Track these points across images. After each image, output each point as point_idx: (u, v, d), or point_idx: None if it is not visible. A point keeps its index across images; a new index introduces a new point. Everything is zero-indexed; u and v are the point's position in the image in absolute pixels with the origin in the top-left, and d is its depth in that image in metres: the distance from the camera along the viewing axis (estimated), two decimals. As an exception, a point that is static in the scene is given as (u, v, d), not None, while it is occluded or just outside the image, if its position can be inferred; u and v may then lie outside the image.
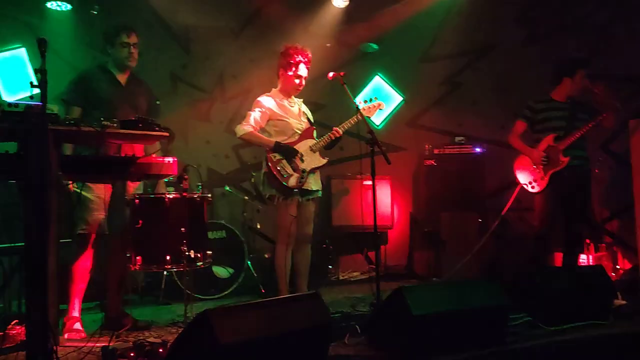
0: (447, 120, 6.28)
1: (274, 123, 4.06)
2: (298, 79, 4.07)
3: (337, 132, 4.05)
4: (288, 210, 3.96)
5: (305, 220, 4.10)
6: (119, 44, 3.61)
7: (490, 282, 3.18)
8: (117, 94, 3.63)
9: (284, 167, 3.93)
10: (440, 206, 5.58)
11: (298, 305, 2.63)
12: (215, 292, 4.79)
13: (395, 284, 5.35)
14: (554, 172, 4.35)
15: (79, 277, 3.45)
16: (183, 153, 5.93)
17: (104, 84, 3.61)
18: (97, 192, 3.36)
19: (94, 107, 3.47)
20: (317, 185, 4.11)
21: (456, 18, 6.18)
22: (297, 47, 4.06)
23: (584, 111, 4.45)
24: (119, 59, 3.65)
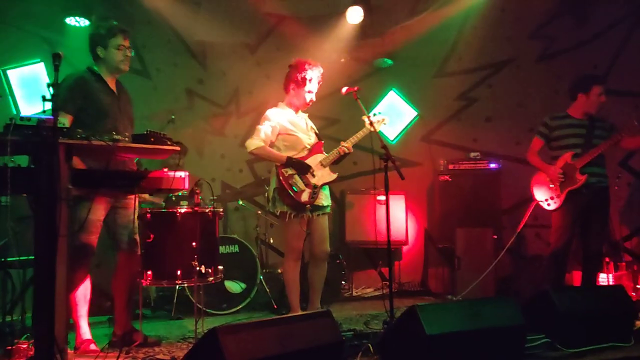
0: (461, 136, 6.23)
1: (284, 138, 4.03)
2: (309, 94, 4.06)
3: (346, 147, 4.02)
4: (298, 226, 3.91)
5: (320, 238, 4.04)
6: (113, 47, 3.40)
7: (507, 301, 3.11)
8: (115, 104, 3.44)
9: (296, 183, 3.89)
10: (455, 222, 5.50)
11: (309, 323, 2.59)
12: (227, 307, 4.76)
13: (409, 300, 5.33)
14: (571, 190, 4.28)
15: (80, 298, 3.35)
16: (198, 167, 5.98)
17: (102, 94, 3.39)
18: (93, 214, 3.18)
19: (94, 118, 3.28)
20: (328, 201, 4.07)
21: (471, 33, 6.17)
22: (309, 62, 4.05)
23: (601, 128, 4.38)
24: (112, 62, 3.41)
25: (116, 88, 3.54)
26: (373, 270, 6.09)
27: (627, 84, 5.46)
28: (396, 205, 5.64)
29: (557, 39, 5.93)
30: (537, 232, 5.71)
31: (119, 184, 2.68)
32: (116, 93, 3.51)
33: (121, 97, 3.54)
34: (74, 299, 3.32)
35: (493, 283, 5.14)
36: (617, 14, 5.61)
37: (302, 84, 4.02)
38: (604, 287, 4.47)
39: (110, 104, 3.41)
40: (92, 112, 3.30)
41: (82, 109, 3.29)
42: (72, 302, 3.32)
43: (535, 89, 5.93)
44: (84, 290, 3.36)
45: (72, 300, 3.31)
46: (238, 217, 6.31)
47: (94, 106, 3.32)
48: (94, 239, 3.30)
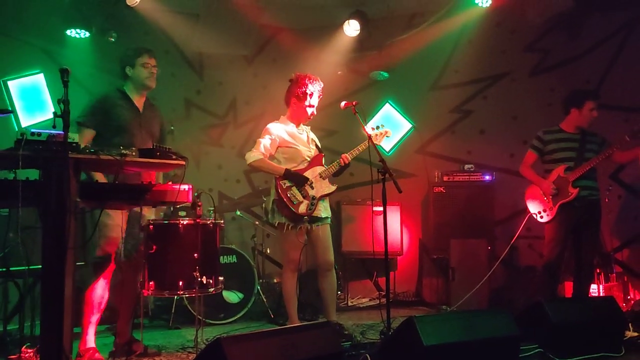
0: (456, 148, 6.32)
1: (284, 150, 4.10)
2: (310, 108, 4.13)
3: (345, 159, 4.09)
4: (296, 237, 3.98)
5: (323, 248, 4.09)
6: (140, 65, 3.64)
7: (501, 312, 3.19)
8: (136, 120, 3.63)
9: (294, 194, 3.96)
10: (450, 233, 5.58)
11: (310, 334, 2.65)
12: (225, 316, 4.80)
13: (404, 311, 5.39)
14: (563, 203, 4.38)
15: (94, 307, 3.40)
16: (195, 178, 6.01)
17: (123, 110, 3.60)
18: (115, 220, 3.35)
19: (113, 133, 3.49)
20: (327, 212, 4.14)
21: (466, 47, 6.28)
22: (309, 77, 4.12)
23: (593, 142, 4.49)
24: (139, 79, 3.65)
25: (143, 105, 3.74)
26: (368, 281, 6.17)
27: (617, 98, 5.57)
28: (391, 215, 5.69)
29: (550, 53, 6.04)
30: (530, 244, 5.79)
31: (125, 197, 2.74)
32: (140, 110, 3.70)
33: (145, 113, 3.72)
34: (88, 303, 3.39)
35: (487, 294, 5.21)
36: (609, 29, 5.73)
37: (303, 98, 4.09)
38: (595, 298, 4.55)
39: (130, 120, 3.59)
40: (111, 128, 3.52)
41: (102, 124, 3.51)
42: (86, 306, 3.39)
43: (529, 102, 6.03)
44: (100, 299, 3.42)
45: (85, 304, 3.39)
46: (235, 227, 6.36)
47: (113, 122, 3.53)
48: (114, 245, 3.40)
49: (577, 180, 4.36)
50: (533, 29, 6.03)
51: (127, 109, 3.62)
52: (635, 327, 3.96)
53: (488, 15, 5.91)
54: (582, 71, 5.84)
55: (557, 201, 4.41)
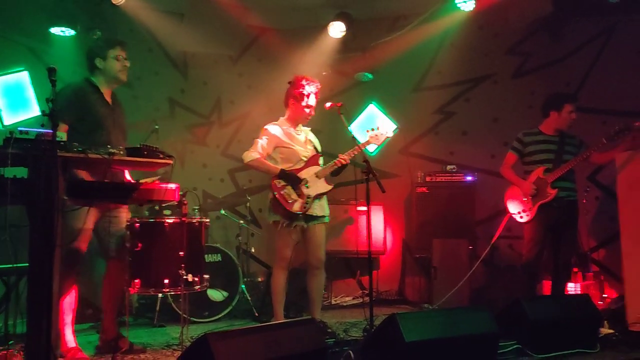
0: (439, 149, 6.41)
1: (280, 150, 4.15)
2: (308, 109, 4.19)
3: (343, 159, 4.14)
4: (289, 235, 4.03)
5: (315, 246, 4.15)
6: (112, 57, 3.51)
7: (481, 310, 3.27)
8: (109, 115, 3.52)
9: (288, 193, 4.01)
10: (432, 233, 5.66)
11: (294, 330, 2.70)
12: (209, 315, 4.83)
13: (387, 309, 5.46)
14: (542, 203, 4.48)
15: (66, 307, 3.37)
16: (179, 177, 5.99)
17: (98, 105, 3.48)
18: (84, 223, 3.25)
19: (89, 128, 3.36)
20: (323, 211, 4.18)
21: (449, 49, 6.36)
22: (306, 78, 4.17)
23: (571, 144, 4.60)
24: (112, 72, 3.52)
25: (111, 100, 3.64)
26: (352, 280, 6.23)
27: (596, 101, 5.69)
28: (375, 215, 5.78)
29: (532, 56, 6.14)
30: (510, 244, 5.90)
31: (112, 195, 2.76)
32: (111, 105, 3.61)
33: (115, 109, 3.64)
34: (60, 307, 3.33)
35: (468, 292, 5.31)
36: (589, 34, 5.84)
37: (300, 99, 4.15)
38: (572, 296, 4.66)
39: (105, 116, 3.50)
40: (87, 123, 3.40)
41: (78, 119, 3.38)
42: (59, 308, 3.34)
43: (511, 105, 6.13)
44: (70, 299, 3.40)
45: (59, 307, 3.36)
46: (219, 226, 6.39)
47: (90, 117, 3.42)
48: (82, 248, 3.37)
49: (556, 181, 4.46)
50: (515, 32, 6.14)
51: (101, 104, 3.52)
52: (610, 325, 4.08)
53: (471, 18, 6.00)
54: (562, 74, 5.96)
55: (537, 202, 4.51)
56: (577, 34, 5.89)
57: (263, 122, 6.33)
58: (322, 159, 4.25)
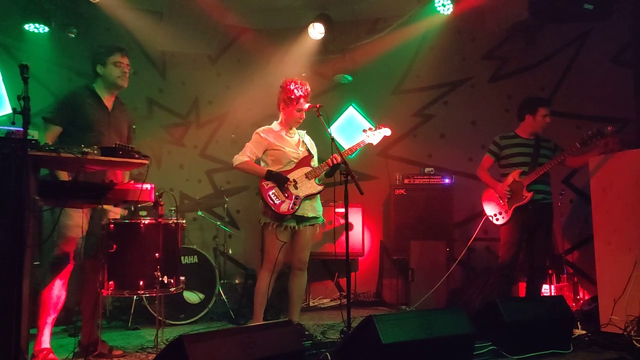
0: (417, 151, 6.45)
1: (270, 153, 4.15)
2: (300, 112, 4.18)
3: (335, 159, 4.12)
4: (278, 237, 4.00)
5: (300, 247, 4.14)
6: (112, 63, 3.57)
7: (457, 312, 3.28)
8: (104, 119, 3.57)
9: (276, 194, 3.99)
10: (410, 235, 5.69)
11: (271, 332, 2.68)
12: (185, 317, 4.77)
13: (365, 311, 5.47)
14: (517, 206, 4.54)
15: (50, 307, 3.33)
16: (156, 177, 5.94)
17: (92, 109, 3.53)
18: (75, 220, 3.29)
19: (80, 131, 3.42)
20: (314, 212, 4.16)
21: (428, 53, 6.42)
22: (295, 81, 4.17)
23: (547, 148, 4.66)
24: (111, 78, 3.58)
25: (113, 105, 3.68)
26: (330, 281, 6.23)
27: (570, 106, 5.79)
28: (353, 217, 5.79)
29: (508, 61, 6.23)
30: (487, 246, 5.96)
31: (86, 196, 2.71)
32: (110, 109, 3.64)
33: (114, 113, 3.67)
34: (45, 304, 3.32)
35: (445, 294, 5.35)
36: (563, 40, 5.95)
37: (291, 103, 4.14)
38: (546, 297, 4.72)
39: (98, 119, 3.54)
40: (78, 126, 3.46)
41: (70, 122, 3.45)
42: (42, 306, 3.31)
43: (488, 108, 6.21)
44: (56, 299, 3.35)
45: (42, 305, 3.31)
46: (196, 227, 6.33)
47: (81, 120, 3.47)
48: (73, 245, 3.34)
49: (531, 184, 4.52)
50: (492, 37, 6.21)
51: (96, 108, 3.56)
52: (583, 326, 4.15)
53: (449, 23, 6.06)
54: (538, 79, 6.05)
55: (512, 204, 4.57)
56: (552, 40, 5.99)
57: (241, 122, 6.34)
58: (314, 161, 4.24)
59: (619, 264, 4.10)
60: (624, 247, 4.09)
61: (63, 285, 3.38)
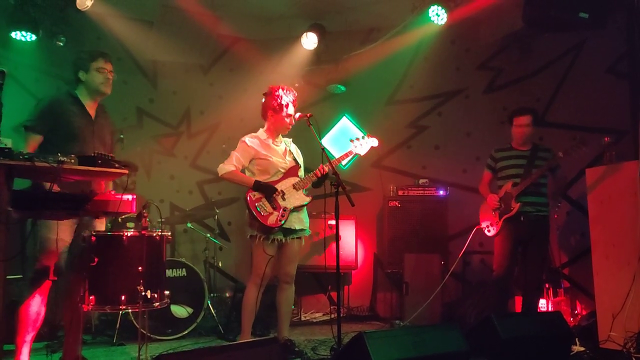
0: (411, 163, 6.37)
1: (257, 162, 4.03)
2: (288, 119, 4.08)
3: (322, 169, 4.03)
4: (265, 250, 3.89)
5: (287, 260, 4.03)
6: (94, 69, 3.46)
7: (451, 328, 3.18)
8: (88, 128, 3.45)
9: (263, 206, 3.87)
10: (404, 247, 5.59)
11: (256, 351, 2.56)
12: (172, 332, 4.64)
13: (358, 325, 5.35)
14: (507, 217, 4.49)
15: (29, 323, 3.21)
16: (146, 188, 5.86)
17: (75, 117, 3.40)
18: (56, 233, 3.14)
19: (63, 140, 3.29)
20: (302, 224, 4.06)
21: (422, 63, 6.36)
22: (283, 88, 4.08)
23: (543, 158, 4.57)
24: (94, 85, 3.47)
25: (95, 112, 3.56)
26: (322, 295, 6.10)
27: (566, 117, 5.72)
28: (346, 229, 5.68)
29: (503, 72, 6.17)
30: (482, 259, 5.86)
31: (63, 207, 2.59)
32: (93, 117, 3.52)
33: (97, 121, 3.55)
34: (23, 321, 3.19)
35: (440, 308, 5.23)
36: (559, 50, 5.88)
37: (280, 110, 4.04)
38: (543, 313, 4.61)
39: (81, 127, 3.42)
40: (61, 134, 3.33)
41: (52, 130, 3.32)
42: (20, 323, 3.19)
43: (482, 119, 6.14)
44: (35, 315, 3.22)
45: (20, 322, 3.19)
46: (186, 239, 6.22)
47: (64, 128, 3.35)
48: (53, 259, 3.22)
49: (522, 195, 4.44)
50: (487, 48, 6.16)
51: (79, 115, 3.44)
52: (581, 342, 4.03)
53: (443, 33, 5.99)
54: (533, 90, 5.98)
55: (502, 216, 4.54)
56: (547, 50, 5.93)
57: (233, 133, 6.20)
58: (301, 171, 4.14)
59: (617, 278, 4.01)
60: (623, 261, 3.99)
61: (42, 301, 3.25)
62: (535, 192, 4.47)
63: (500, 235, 4.55)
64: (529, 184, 4.42)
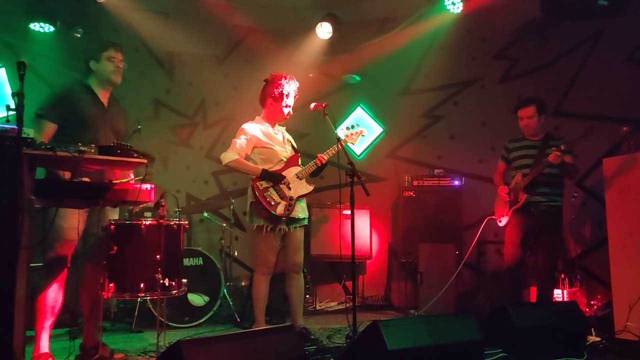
0: (426, 153, 6.35)
1: (260, 151, 4.02)
2: (287, 108, 4.08)
3: (322, 159, 4.03)
4: (272, 239, 3.91)
5: (294, 249, 4.04)
6: (105, 59, 3.48)
7: (465, 317, 3.18)
8: (100, 116, 3.47)
9: (271, 195, 3.88)
10: (419, 237, 5.59)
11: (272, 337, 2.60)
12: (189, 320, 4.71)
13: (372, 314, 5.38)
14: (515, 208, 4.50)
15: (47, 310, 3.27)
16: (162, 178, 5.92)
17: (87, 105, 3.42)
18: (71, 222, 3.20)
19: (76, 128, 3.31)
20: (304, 213, 4.08)
21: (437, 53, 6.32)
22: (285, 77, 4.06)
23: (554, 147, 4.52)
24: (104, 73, 3.48)
25: (108, 101, 3.58)
26: (337, 284, 6.13)
27: (584, 106, 5.66)
28: (361, 219, 5.70)
29: (520, 61, 6.10)
30: (497, 249, 5.83)
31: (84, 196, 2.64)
32: (105, 106, 3.54)
33: (110, 110, 3.57)
34: (41, 308, 3.25)
35: (454, 298, 5.23)
36: (576, 39, 5.80)
37: (279, 99, 4.03)
38: (559, 303, 4.60)
39: (94, 116, 3.43)
40: (74, 123, 3.34)
41: (65, 119, 3.33)
42: (39, 310, 3.25)
43: (498, 109, 6.07)
44: (53, 302, 3.28)
45: (38, 309, 3.25)
46: (202, 229, 6.28)
47: (77, 117, 3.36)
48: (69, 249, 3.27)
49: (530, 186, 4.42)
50: (503, 37, 6.10)
51: (92, 104, 3.46)
52: (597, 332, 4.02)
53: (459, 22, 5.95)
54: (550, 79, 5.91)
55: (511, 206, 4.54)
56: (565, 38, 5.85)
57: (249, 123, 6.18)
58: (300, 159, 4.15)
59: (634, 268, 3.98)
60: (640, 251, 3.96)
61: (60, 288, 3.31)
62: (546, 183, 4.43)
63: (510, 226, 4.55)
64: (536, 174, 4.39)
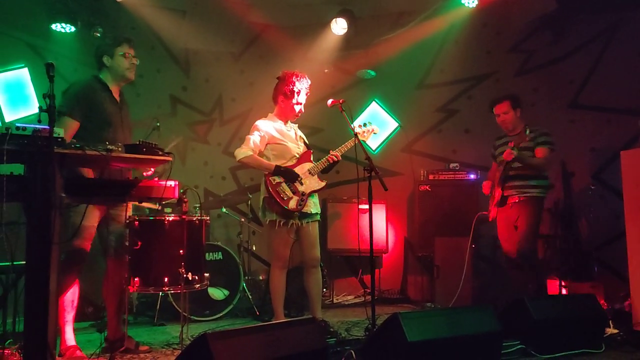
0: (441, 147, 6.37)
1: (273, 147, 4.09)
2: (298, 106, 4.13)
3: (335, 155, 4.09)
4: (287, 234, 3.98)
5: (310, 244, 4.10)
6: (119, 55, 3.48)
7: (484, 309, 3.23)
8: (117, 114, 3.50)
9: (284, 190, 3.95)
10: (435, 231, 5.62)
11: (295, 330, 2.66)
12: (210, 313, 4.80)
13: (389, 308, 5.43)
14: (494, 204, 4.64)
15: (67, 304, 3.36)
16: (181, 174, 5.99)
17: (107, 103, 3.44)
18: (89, 220, 3.23)
19: (98, 126, 3.34)
20: (317, 209, 4.14)
21: (452, 47, 6.32)
22: (297, 74, 4.11)
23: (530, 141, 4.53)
24: (119, 70, 3.49)
25: (119, 98, 3.61)
26: (354, 278, 6.19)
27: (600, 99, 5.64)
28: (377, 213, 5.74)
29: (535, 54, 6.09)
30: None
31: (111, 193, 2.72)
32: (119, 103, 3.58)
33: (123, 107, 3.62)
34: (61, 304, 3.33)
35: (471, 291, 5.26)
36: (593, 31, 5.78)
37: (290, 96, 4.08)
38: (577, 295, 4.60)
39: (113, 114, 3.47)
40: (96, 121, 3.37)
41: (87, 117, 3.34)
42: (60, 307, 3.32)
43: (514, 103, 6.07)
44: (72, 297, 3.38)
45: (60, 304, 3.32)
46: (221, 224, 6.36)
47: (98, 115, 3.39)
48: (86, 245, 3.33)
49: (503, 181, 4.53)
50: (518, 30, 6.09)
51: (110, 102, 3.49)
52: (615, 324, 4.04)
53: (474, 16, 5.95)
54: (565, 72, 5.90)
55: (492, 202, 4.68)
56: (581, 32, 5.83)
57: (265, 119, 6.23)
58: (312, 155, 4.21)
59: (652, 261, 3.98)
60: (658, 244, 3.96)
61: (76, 282, 3.39)
62: (516, 177, 4.53)
63: (497, 221, 4.70)
64: (503, 170, 4.49)
